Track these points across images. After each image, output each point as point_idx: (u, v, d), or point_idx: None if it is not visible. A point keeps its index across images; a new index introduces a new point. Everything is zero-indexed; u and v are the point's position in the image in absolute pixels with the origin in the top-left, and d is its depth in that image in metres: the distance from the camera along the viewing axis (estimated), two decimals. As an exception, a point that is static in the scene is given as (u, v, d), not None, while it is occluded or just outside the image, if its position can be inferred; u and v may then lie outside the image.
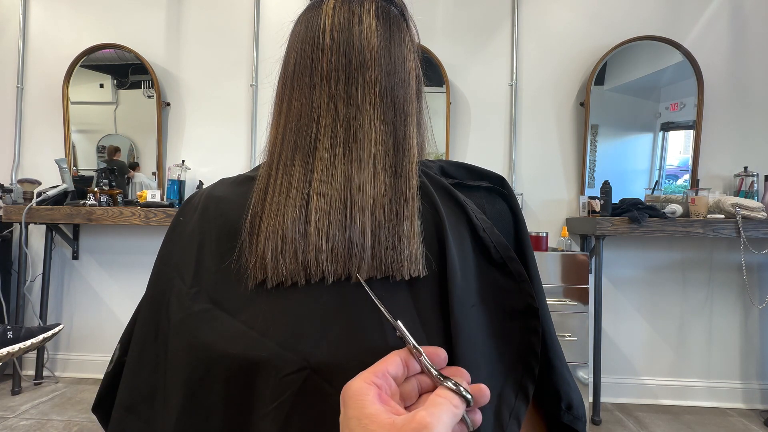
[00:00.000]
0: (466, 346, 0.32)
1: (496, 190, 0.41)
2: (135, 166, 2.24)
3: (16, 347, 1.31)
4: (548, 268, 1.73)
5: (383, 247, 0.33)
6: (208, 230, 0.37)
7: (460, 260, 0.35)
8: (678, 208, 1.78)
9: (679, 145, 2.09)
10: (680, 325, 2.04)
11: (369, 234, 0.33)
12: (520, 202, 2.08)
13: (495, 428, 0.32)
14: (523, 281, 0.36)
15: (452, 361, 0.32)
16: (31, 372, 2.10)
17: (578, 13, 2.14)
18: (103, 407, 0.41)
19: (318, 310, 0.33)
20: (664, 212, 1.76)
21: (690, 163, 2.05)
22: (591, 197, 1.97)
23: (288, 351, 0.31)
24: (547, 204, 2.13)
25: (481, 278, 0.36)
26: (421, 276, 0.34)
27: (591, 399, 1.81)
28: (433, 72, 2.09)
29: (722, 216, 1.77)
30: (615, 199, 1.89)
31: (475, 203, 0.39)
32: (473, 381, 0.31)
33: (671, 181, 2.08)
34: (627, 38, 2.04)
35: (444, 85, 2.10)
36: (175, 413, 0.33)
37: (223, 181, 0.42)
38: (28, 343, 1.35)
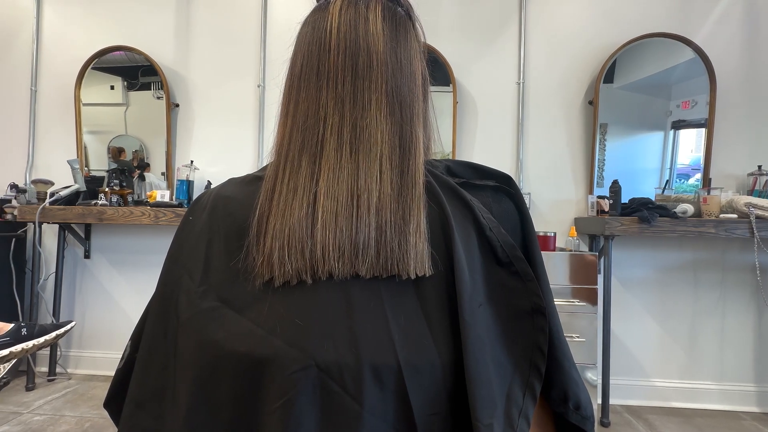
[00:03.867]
0: (475, 346, 0.32)
1: (502, 189, 0.40)
2: (145, 167, 2.27)
3: (29, 344, 1.34)
4: (556, 269, 1.71)
5: (389, 246, 0.33)
6: (216, 229, 0.38)
7: (467, 259, 0.35)
8: (689, 208, 1.75)
9: (690, 144, 2.06)
10: (692, 326, 2.01)
11: (375, 233, 0.34)
12: (527, 201, 2.07)
13: (505, 428, 0.32)
14: (529, 280, 0.35)
15: (461, 361, 0.32)
16: (45, 369, 2.15)
17: (587, 10, 2.12)
18: (114, 403, 0.41)
19: (324, 309, 0.33)
20: (674, 212, 1.73)
21: (702, 161, 2.01)
22: (600, 197, 1.95)
23: (294, 349, 0.32)
24: (555, 204, 2.11)
25: (488, 277, 0.35)
26: (427, 275, 0.34)
27: (600, 401, 1.79)
28: (439, 71, 2.08)
29: (735, 216, 1.74)
30: (624, 199, 1.87)
31: (482, 202, 0.39)
32: (482, 380, 0.31)
33: (683, 180, 2.05)
34: (637, 35, 2.01)
35: (450, 84, 2.09)
36: (183, 409, 0.34)
37: (232, 181, 0.43)
38: (41, 339, 1.38)
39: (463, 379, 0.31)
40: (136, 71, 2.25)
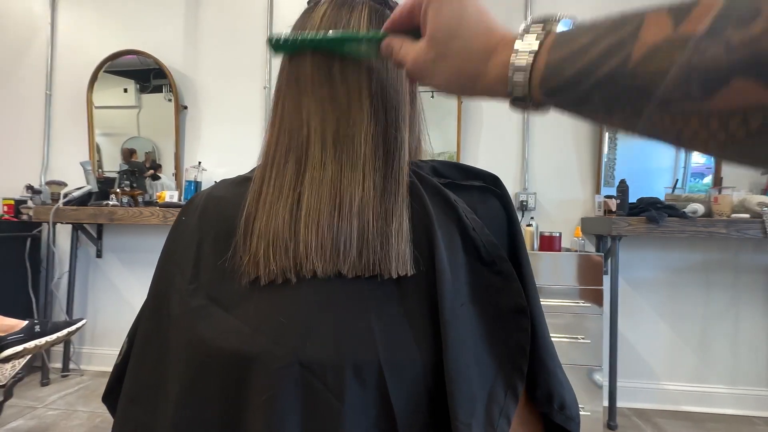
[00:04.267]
0: (455, 345, 0.32)
1: (489, 189, 0.41)
2: (157, 168, 2.32)
3: (43, 340, 1.38)
4: (562, 269, 1.70)
5: (371, 246, 0.34)
6: (207, 229, 0.39)
7: (450, 259, 0.35)
8: (699, 208, 1.71)
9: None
10: (703, 328, 1.96)
11: (357, 233, 0.34)
12: (532, 201, 2.05)
13: (486, 426, 0.32)
14: (512, 280, 0.36)
15: (442, 360, 0.32)
16: (59, 365, 2.21)
17: (592, 9, 2.09)
18: (112, 397, 0.42)
19: (308, 307, 0.34)
20: (684, 212, 1.70)
21: (713, 160, 1.97)
22: (607, 196, 1.92)
23: (279, 346, 0.33)
24: (561, 203, 2.09)
25: (471, 277, 0.36)
26: (409, 275, 0.34)
27: (606, 403, 1.76)
28: (444, 71, 2.08)
29: (747, 216, 1.70)
30: (633, 198, 1.84)
31: (467, 202, 0.39)
32: (462, 379, 0.32)
33: (697, 180, 2.01)
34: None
35: (455, 84, 2.09)
36: (173, 403, 0.35)
37: (224, 182, 0.44)
38: (53, 336, 1.42)
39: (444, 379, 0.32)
40: (147, 74, 2.30)
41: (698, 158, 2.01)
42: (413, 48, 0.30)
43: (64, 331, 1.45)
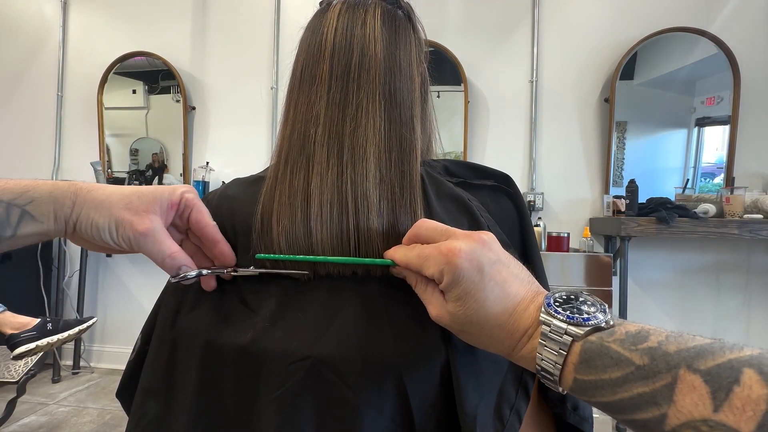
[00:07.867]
0: (463, 344, 0.32)
1: (501, 188, 0.40)
2: (165, 168, 2.35)
3: (54, 338, 1.41)
4: (570, 270, 1.68)
5: (384, 246, 0.34)
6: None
7: None
8: (711, 208, 1.69)
9: (716, 142, 1.98)
10: (714, 331, 1.94)
11: (369, 234, 0.34)
12: (540, 201, 2.04)
13: (495, 424, 0.32)
14: None
15: (450, 357, 0.32)
16: (70, 362, 2.24)
17: (603, 5, 2.07)
18: (126, 393, 0.43)
19: (324, 304, 0.34)
20: (695, 212, 1.68)
21: (725, 159, 1.94)
22: (616, 196, 1.90)
23: (294, 341, 0.33)
24: (569, 204, 2.07)
25: None
26: None
27: (615, 405, 1.75)
28: (450, 70, 2.07)
29: (761, 216, 1.67)
30: (642, 199, 1.82)
31: (480, 202, 0.39)
32: (471, 377, 0.32)
33: (708, 180, 1.98)
34: (654, 31, 1.96)
35: (462, 84, 2.08)
36: (190, 396, 0.35)
37: (236, 181, 0.44)
38: (65, 334, 1.44)
39: None
40: (156, 75, 2.32)
41: (709, 158, 1.98)
42: (438, 301, 0.30)
43: (75, 329, 1.48)
